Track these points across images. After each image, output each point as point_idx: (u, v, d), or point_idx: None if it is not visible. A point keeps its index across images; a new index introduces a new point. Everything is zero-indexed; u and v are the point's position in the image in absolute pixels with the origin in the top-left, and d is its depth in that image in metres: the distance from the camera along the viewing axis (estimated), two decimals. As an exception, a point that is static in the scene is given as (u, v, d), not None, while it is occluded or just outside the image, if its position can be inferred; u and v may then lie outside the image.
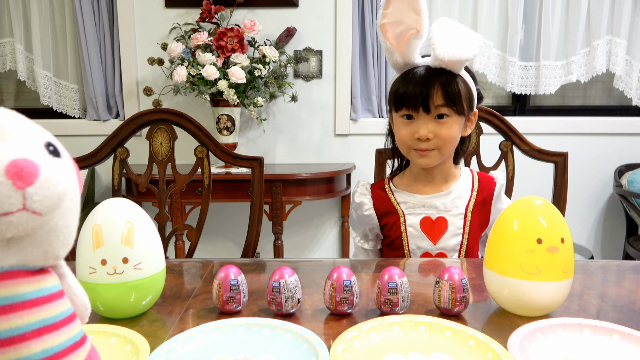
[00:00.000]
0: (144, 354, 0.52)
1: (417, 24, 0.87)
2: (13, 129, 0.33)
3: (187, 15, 2.30)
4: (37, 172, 0.32)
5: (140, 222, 0.64)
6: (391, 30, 0.90)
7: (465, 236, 1.02)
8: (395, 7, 0.88)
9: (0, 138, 0.32)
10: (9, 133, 0.32)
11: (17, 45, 2.36)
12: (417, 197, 1.04)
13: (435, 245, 1.02)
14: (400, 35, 0.90)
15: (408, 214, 1.04)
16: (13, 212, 0.31)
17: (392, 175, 1.11)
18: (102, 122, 2.38)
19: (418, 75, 0.93)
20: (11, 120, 0.33)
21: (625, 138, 2.38)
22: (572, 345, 0.56)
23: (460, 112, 0.95)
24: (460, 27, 0.93)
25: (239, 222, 2.47)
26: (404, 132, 0.98)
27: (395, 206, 1.05)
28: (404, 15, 0.87)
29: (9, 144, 0.32)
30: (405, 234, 1.03)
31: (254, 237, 1.17)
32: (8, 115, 0.33)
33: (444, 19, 0.94)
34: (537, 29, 2.32)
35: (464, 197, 1.03)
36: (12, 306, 0.33)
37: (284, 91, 2.26)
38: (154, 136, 1.17)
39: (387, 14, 0.89)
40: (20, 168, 0.31)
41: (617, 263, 0.93)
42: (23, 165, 0.31)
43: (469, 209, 1.02)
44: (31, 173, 0.31)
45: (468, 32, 0.93)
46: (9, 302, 0.33)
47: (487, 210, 1.05)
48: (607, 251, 2.49)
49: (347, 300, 0.65)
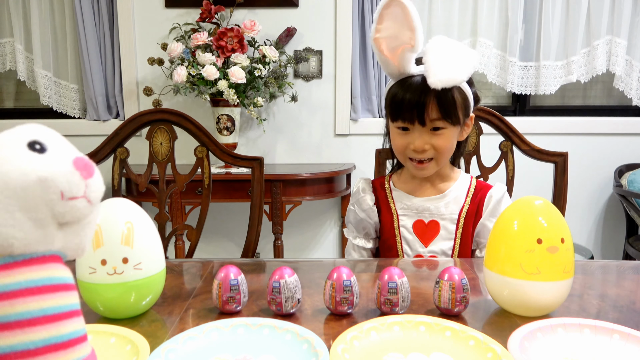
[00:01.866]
0: (144, 354, 0.52)
1: (411, 40, 0.85)
2: (57, 141, 0.38)
3: (187, 15, 2.30)
4: (94, 167, 0.39)
5: (140, 222, 0.64)
6: (385, 43, 0.89)
7: (457, 241, 1.02)
8: (389, 23, 0.86)
9: (53, 146, 0.37)
10: (58, 142, 0.39)
11: (17, 45, 2.36)
12: (412, 200, 1.04)
13: (427, 248, 1.02)
14: (395, 49, 0.89)
15: (402, 215, 1.04)
16: (78, 197, 0.37)
17: (391, 173, 1.12)
18: (102, 122, 2.38)
19: (413, 87, 0.92)
20: (52, 134, 0.39)
21: (625, 138, 2.38)
22: (572, 345, 0.56)
23: (455, 123, 0.94)
24: (456, 47, 0.91)
25: (239, 222, 2.47)
26: (400, 142, 0.98)
27: (391, 206, 1.05)
28: (398, 31, 0.86)
29: (65, 147, 0.38)
30: (399, 235, 1.04)
31: (254, 237, 1.17)
32: (48, 130, 0.39)
33: (439, 38, 0.92)
34: (537, 29, 2.31)
35: (459, 202, 1.03)
36: (53, 287, 0.37)
37: (284, 91, 2.26)
38: (154, 136, 1.17)
39: (381, 28, 0.87)
40: (85, 162, 0.38)
41: (617, 263, 0.93)
42: (86, 160, 0.38)
43: (462, 214, 1.02)
44: (92, 167, 0.38)
45: (463, 53, 0.90)
46: (51, 282, 0.37)
47: (478, 219, 1.03)
48: (607, 251, 2.49)
49: (347, 300, 0.65)
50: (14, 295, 0.35)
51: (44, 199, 0.35)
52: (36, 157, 0.36)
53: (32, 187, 0.35)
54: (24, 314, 0.35)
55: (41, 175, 0.35)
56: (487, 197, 1.03)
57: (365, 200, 1.07)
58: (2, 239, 0.34)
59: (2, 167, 0.34)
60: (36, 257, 0.37)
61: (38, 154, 0.36)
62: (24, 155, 0.35)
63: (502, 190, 1.04)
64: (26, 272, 0.36)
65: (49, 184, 0.35)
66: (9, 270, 0.35)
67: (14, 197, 0.34)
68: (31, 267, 0.36)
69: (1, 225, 0.34)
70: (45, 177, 0.35)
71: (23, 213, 0.35)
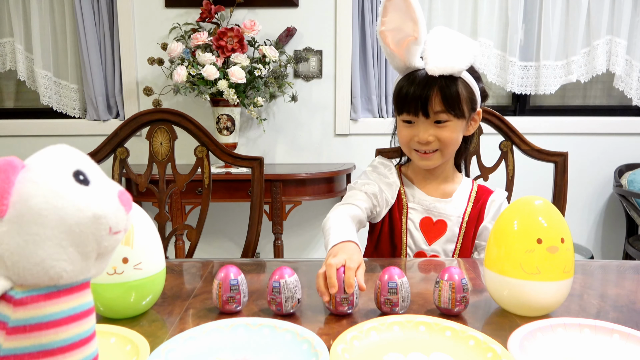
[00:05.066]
0: (144, 354, 0.52)
1: (414, 32, 0.87)
2: (93, 168, 0.39)
3: (187, 15, 2.29)
4: (132, 201, 0.40)
5: (140, 222, 0.64)
6: (391, 36, 0.91)
7: (458, 245, 1.04)
8: (393, 15, 0.88)
9: (93, 176, 0.38)
10: (95, 170, 0.39)
11: (17, 45, 2.36)
12: (423, 197, 1.05)
13: (430, 246, 1.03)
14: (400, 42, 0.91)
15: (411, 209, 1.05)
16: (120, 231, 0.39)
17: (400, 165, 1.13)
18: (102, 122, 2.37)
19: (418, 80, 0.93)
20: (86, 159, 0.40)
21: (625, 138, 2.38)
22: (572, 345, 0.56)
23: (459, 116, 0.95)
24: (456, 36, 0.93)
25: (239, 222, 2.47)
26: (405, 133, 0.99)
27: (402, 197, 1.06)
28: (402, 23, 0.88)
29: (103, 177, 0.39)
30: (406, 227, 1.04)
31: (254, 237, 1.17)
32: (82, 155, 0.40)
33: (440, 28, 0.94)
34: (537, 29, 2.31)
35: (461, 205, 1.04)
36: (86, 312, 0.39)
37: (284, 91, 2.26)
38: (154, 136, 1.17)
39: (386, 21, 0.90)
40: (127, 197, 0.39)
41: (617, 263, 0.93)
42: (127, 195, 0.40)
43: (465, 218, 1.04)
44: (131, 201, 0.40)
45: (463, 42, 0.93)
46: (85, 308, 0.38)
47: (480, 223, 1.05)
48: (607, 251, 2.49)
49: (347, 300, 0.65)
50: (59, 324, 0.36)
51: (95, 234, 0.36)
52: (85, 190, 0.36)
53: (87, 224, 0.36)
54: (66, 340, 0.36)
55: (96, 212, 0.36)
56: (489, 201, 1.05)
57: (391, 173, 1.07)
58: (54, 272, 0.35)
59: (57, 202, 0.35)
60: (76, 286, 0.38)
61: (84, 186, 0.37)
62: (74, 189, 0.36)
63: (503, 195, 1.08)
64: (69, 301, 0.37)
65: (102, 220, 0.36)
66: (55, 300, 0.36)
67: (69, 232, 0.35)
68: (72, 295, 0.37)
69: (55, 259, 0.35)
70: (99, 214, 0.36)
71: (74, 247, 0.36)
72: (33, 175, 0.35)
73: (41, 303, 0.35)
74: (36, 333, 0.35)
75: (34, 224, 0.34)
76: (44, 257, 0.34)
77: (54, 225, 0.34)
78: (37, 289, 0.35)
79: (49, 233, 0.34)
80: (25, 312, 0.35)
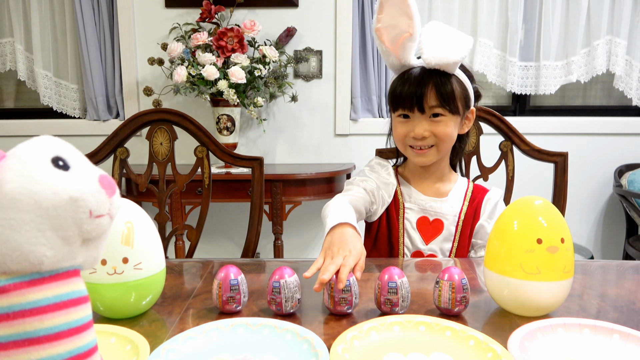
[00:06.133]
0: (144, 354, 0.52)
1: (409, 28, 0.88)
2: (76, 156, 0.39)
3: (187, 15, 2.29)
4: (115, 185, 0.40)
5: (140, 222, 0.64)
6: (386, 33, 0.92)
7: (455, 244, 1.04)
8: (389, 12, 0.89)
9: (74, 162, 0.38)
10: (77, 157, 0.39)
11: (17, 45, 2.36)
12: (419, 196, 1.05)
13: (427, 245, 1.04)
14: (395, 39, 0.92)
15: (407, 209, 1.05)
16: (103, 215, 0.38)
17: (396, 166, 1.13)
18: (102, 122, 2.37)
19: (413, 76, 0.94)
20: (69, 148, 0.40)
21: (625, 138, 2.38)
22: (572, 345, 0.56)
23: (454, 112, 0.96)
24: (451, 30, 0.95)
25: (239, 222, 2.46)
26: (400, 129, 0.99)
27: (399, 197, 1.06)
28: (397, 20, 0.89)
29: (85, 163, 0.39)
30: (402, 227, 1.04)
31: (254, 237, 1.17)
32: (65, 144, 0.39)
33: (435, 22, 0.96)
34: (537, 29, 2.31)
35: (457, 204, 1.05)
36: (76, 300, 0.38)
37: (284, 91, 2.26)
38: (154, 136, 1.17)
39: (381, 18, 0.90)
40: (109, 180, 0.39)
41: (617, 263, 0.93)
42: (109, 178, 0.39)
43: (461, 217, 1.04)
44: (114, 185, 0.40)
45: (458, 35, 0.94)
46: (74, 296, 0.38)
47: (476, 222, 1.05)
48: (607, 251, 2.49)
49: (346, 300, 0.65)
50: (44, 311, 0.36)
51: (74, 217, 0.36)
52: (63, 175, 0.36)
53: (64, 207, 0.36)
54: (53, 329, 0.36)
55: (72, 195, 0.36)
56: (485, 200, 1.05)
57: (388, 174, 1.07)
58: (34, 257, 0.35)
59: (33, 187, 0.35)
60: (61, 273, 0.37)
61: (63, 171, 0.36)
62: (51, 173, 0.36)
63: (499, 194, 1.08)
64: (54, 288, 0.37)
65: (80, 203, 0.36)
66: (38, 287, 0.36)
67: (46, 216, 0.35)
68: (57, 282, 0.37)
69: (33, 244, 0.35)
70: (76, 196, 0.36)
71: (53, 232, 0.36)
72: (11, 162, 0.35)
73: (24, 290, 0.35)
74: (20, 320, 0.34)
75: (10, 209, 0.34)
76: (22, 242, 0.34)
77: (30, 209, 0.34)
78: (20, 276, 0.35)
79: (25, 217, 0.34)
80: (8, 299, 0.34)
